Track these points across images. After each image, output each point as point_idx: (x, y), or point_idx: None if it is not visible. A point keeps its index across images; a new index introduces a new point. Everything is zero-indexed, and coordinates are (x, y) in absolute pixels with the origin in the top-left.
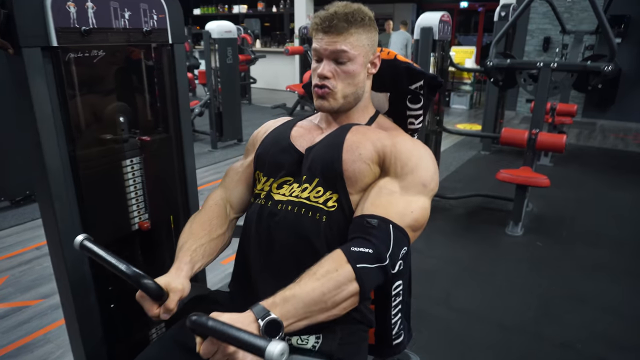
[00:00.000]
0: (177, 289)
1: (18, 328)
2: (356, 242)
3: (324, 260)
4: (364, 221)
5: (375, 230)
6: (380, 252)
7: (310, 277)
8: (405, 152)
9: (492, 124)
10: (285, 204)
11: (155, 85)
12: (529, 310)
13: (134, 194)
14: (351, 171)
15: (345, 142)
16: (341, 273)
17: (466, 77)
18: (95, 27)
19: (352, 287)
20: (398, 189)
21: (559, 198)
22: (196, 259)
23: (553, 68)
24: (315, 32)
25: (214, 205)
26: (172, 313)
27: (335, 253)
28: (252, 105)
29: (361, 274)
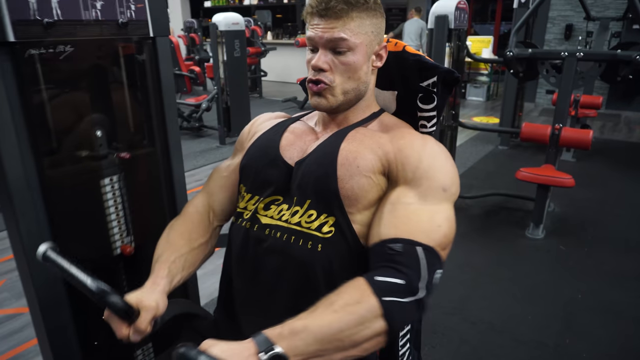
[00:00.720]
0: (150, 306)
1: (10, 337)
2: (382, 270)
3: (343, 289)
4: (386, 248)
5: (402, 257)
6: (413, 282)
7: (326, 308)
8: (413, 154)
9: (510, 117)
10: (274, 229)
11: (135, 86)
12: (552, 323)
13: (114, 215)
14: (349, 188)
15: (339, 153)
16: (364, 307)
17: (483, 67)
18: (61, 19)
19: (377, 324)
20: (415, 200)
21: (582, 197)
22: (175, 271)
23: (579, 58)
24: (310, 16)
25: (195, 213)
26: (144, 334)
27: (356, 282)
28: (263, 98)
29: (390, 309)
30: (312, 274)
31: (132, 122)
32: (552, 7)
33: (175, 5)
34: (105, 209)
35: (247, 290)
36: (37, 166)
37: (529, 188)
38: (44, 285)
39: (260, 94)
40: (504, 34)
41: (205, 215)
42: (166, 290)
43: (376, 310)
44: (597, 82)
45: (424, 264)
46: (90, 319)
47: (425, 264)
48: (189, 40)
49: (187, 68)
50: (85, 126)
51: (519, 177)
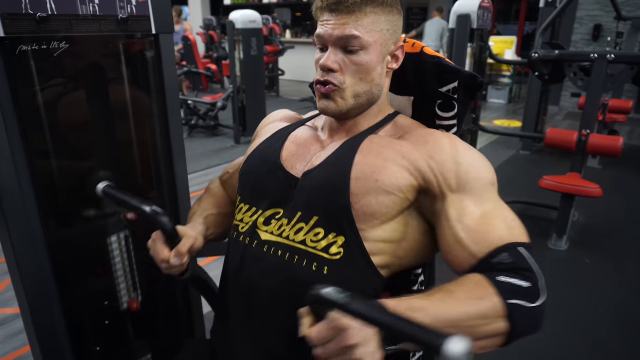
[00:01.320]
0: (191, 235)
1: (16, 337)
2: (503, 273)
3: (461, 283)
4: (494, 264)
5: (515, 264)
6: (538, 285)
7: (446, 295)
8: (448, 158)
9: (533, 121)
10: (274, 246)
11: (137, 87)
12: (576, 341)
13: (121, 272)
14: (365, 204)
15: (353, 167)
16: (488, 304)
17: (505, 69)
18: (55, 14)
19: (499, 324)
20: (477, 207)
21: (609, 206)
22: (209, 223)
23: (610, 60)
24: (320, 11)
25: (218, 188)
26: (182, 259)
27: (475, 277)
28: (280, 98)
29: (515, 312)
30: None
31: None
32: (580, 7)
33: (195, 3)
34: (112, 265)
35: (242, 311)
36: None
37: (552, 196)
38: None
39: (278, 93)
40: (528, 34)
41: (226, 195)
42: (203, 234)
43: (500, 310)
44: (626, 85)
45: (533, 261)
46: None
47: (534, 261)
48: (208, 38)
49: (204, 66)
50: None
51: (543, 186)
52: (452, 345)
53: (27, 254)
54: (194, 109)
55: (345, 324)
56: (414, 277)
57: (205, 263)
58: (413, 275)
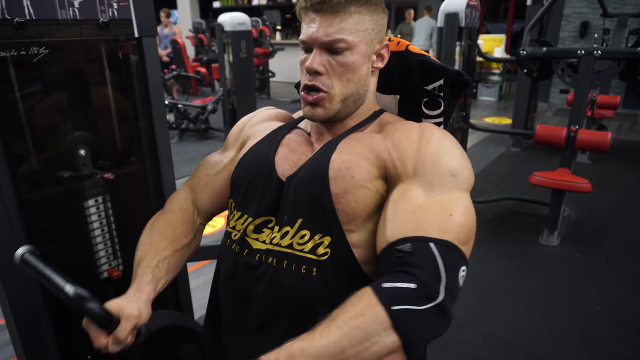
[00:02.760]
0: (132, 315)
1: (4, 348)
2: (390, 276)
3: (348, 302)
4: (394, 252)
5: (413, 258)
6: (429, 285)
7: (327, 326)
8: (411, 145)
9: (523, 118)
10: (265, 254)
11: (120, 91)
12: (568, 336)
13: (100, 238)
14: (345, 203)
15: (330, 166)
16: (369, 319)
17: (495, 67)
18: (34, 19)
19: (388, 339)
20: (420, 192)
21: (599, 201)
22: (159, 275)
23: (597, 56)
24: (304, 11)
25: (178, 211)
26: (123, 344)
27: (362, 292)
28: (271, 99)
29: (401, 319)
30: (307, 302)
31: (117, 133)
32: (566, 4)
33: (184, 6)
34: (91, 231)
35: (235, 319)
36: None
37: (542, 192)
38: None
39: (269, 95)
40: (517, 32)
41: (189, 212)
42: (151, 298)
43: (383, 321)
44: (613, 81)
45: (441, 262)
46: (71, 333)
47: (442, 262)
48: (197, 41)
49: (194, 69)
50: (67, 144)
51: (533, 182)
52: None
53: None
54: (185, 113)
55: None
56: None
57: (198, 267)
58: None
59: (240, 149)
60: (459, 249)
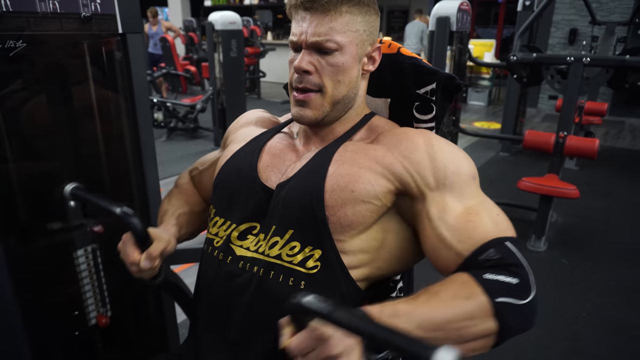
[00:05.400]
0: (164, 237)
1: None
2: (489, 270)
3: (446, 283)
4: (481, 261)
5: (504, 259)
6: (526, 280)
7: (431, 297)
8: (423, 155)
9: (512, 123)
10: (249, 262)
11: (103, 90)
12: (555, 342)
13: (89, 286)
14: (342, 216)
15: (327, 178)
16: (474, 304)
17: (484, 72)
18: (10, 10)
19: (488, 324)
20: (458, 203)
21: (587, 207)
22: (181, 223)
23: (586, 63)
24: (294, 9)
25: (187, 185)
26: (153, 263)
27: (460, 277)
28: (262, 100)
29: (503, 311)
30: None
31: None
32: (556, 11)
33: (175, 4)
34: (80, 280)
35: (216, 327)
36: None
37: (530, 197)
38: None
39: (259, 95)
40: (507, 38)
41: (196, 192)
42: (176, 236)
43: (487, 309)
44: (600, 88)
45: (521, 256)
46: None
47: (522, 255)
48: (188, 39)
49: (183, 67)
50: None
51: (521, 187)
52: (440, 357)
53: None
54: (173, 111)
55: (327, 333)
56: (392, 283)
57: (181, 269)
58: (391, 282)
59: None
60: (517, 239)
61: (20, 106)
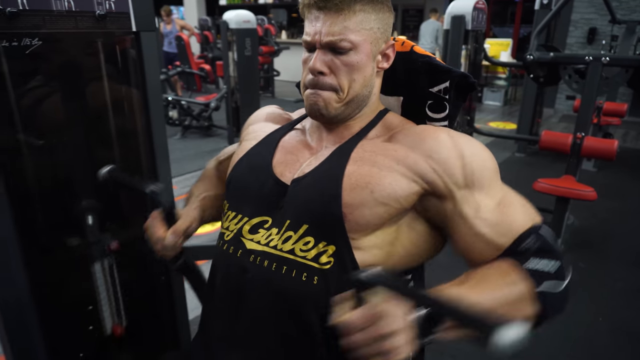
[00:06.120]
0: (189, 215)
1: None
2: (530, 259)
3: (492, 268)
4: (522, 250)
5: (543, 245)
6: (562, 263)
7: (480, 281)
8: (449, 153)
9: (528, 124)
10: (260, 256)
11: (117, 87)
12: (569, 348)
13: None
14: (359, 215)
15: (345, 176)
16: (520, 289)
17: (500, 71)
18: (27, 9)
19: (530, 309)
20: (489, 198)
21: (605, 209)
22: (204, 206)
23: (605, 63)
24: (307, 9)
25: (212, 170)
26: (177, 239)
27: (504, 263)
28: (275, 98)
29: (545, 297)
30: (304, 311)
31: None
32: (574, 10)
33: (190, 3)
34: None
35: (226, 325)
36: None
37: (546, 198)
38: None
39: (273, 93)
40: (524, 37)
41: (220, 178)
42: (200, 217)
43: (531, 294)
44: (620, 88)
45: (554, 239)
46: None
47: (554, 237)
48: (203, 38)
49: (198, 66)
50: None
51: (537, 189)
52: (508, 331)
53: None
54: (188, 110)
55: (387, 310)
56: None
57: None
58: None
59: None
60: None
61: (36, 103)
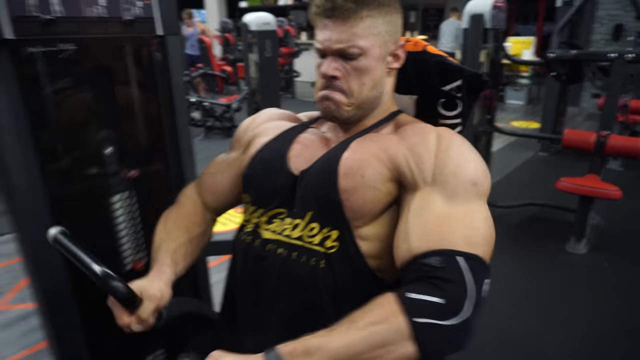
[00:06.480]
0: (154, 296)
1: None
2: (416, 286)
3: (370, 306)
4: (420, 265)
5: (441, 272)
6: (456, 300)
7: (347, 327)
8: (428, 151)
9: (551, 122)
10: (275, 244)
11: (144, 89)
12: (593, 350)
13: (125, 232)
14: (353, 201)
15: (340, 162)
16: (390, 327)
17: (524, 70)
18: (62, 16)
19: (404, 349)
20: (442, 202)
21: (630, 209)
22: (177, 259)
23: (629, 59)
24: (316, 18)
25: (189, 204)
26: (146, 324)
27: (385, 298)
28: (296, 99)
29: (422, 332)
30: (314, 294)
31: (141, 129)
32: (600, 6)
33: (211, 6)
34: (117, 225)
35: (248, 309)
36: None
37: (572, 198)
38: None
39: (293, 94)
40: (547, 35)
41: (199, 205)
42: (171, 280)
43: (404, 332)
44: None
45: (470, 278)
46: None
47: (472, 277)
48: (224, 40)
49: (220, 68)
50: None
51: (560, 187)
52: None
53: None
54: (210, 111)
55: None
56: None
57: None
58: None
59: (245, 149)
60: (485, 262)
61: (69, 104)
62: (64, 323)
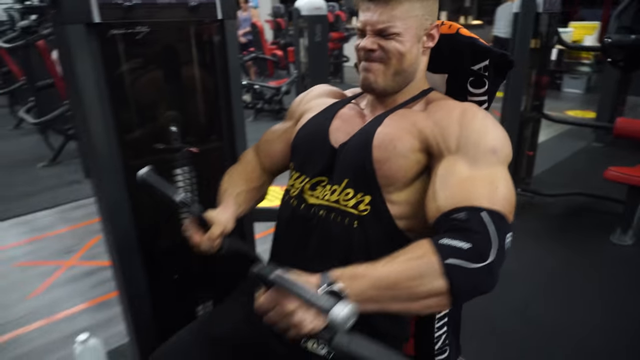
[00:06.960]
0: (221, 222)
1: (102, 285)
2: (446, 234)
3: (407, 247)
4: (449, 220)
5: (468, 224)
6: (482, 247)
7: (388, 261)
8: (452, 123)
9: (608, 112)
10: (318, 207)
11: (205, 68)
12: (627, 338)
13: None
14: (386, 169)
15: (375, 136)
16: (425, 263)
17: (585, 56)
18: (139, 3)
19: (437, 283)
20: (466, 167)
21: None
22: (239, 202)
23: None
24: (360, 1)
25: (249, 162)
26: (212, 244)
27: (421, 241)
28: (345, 84)
29: (452, 271)
30: (349, 250)
31: (201, 109)
32: None
33: None
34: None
35: (298, 255)
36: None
37: (619, 188)
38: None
39: (342, 79)
40: None
41: (257, 165)
42: (235, 215)
43: (437, 268)
44: None
45: (493, 229)
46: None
47: (494, 229)
48: (276, 25)
49: (270, 52)
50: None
51: (607, 177)
52: (337, 310)
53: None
54: (260, 93)
55: (283, 294)
56: None
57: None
58: None
59: (297, 121)
60: (506, 217)
61: (142, 82)
62: (132, 276)
